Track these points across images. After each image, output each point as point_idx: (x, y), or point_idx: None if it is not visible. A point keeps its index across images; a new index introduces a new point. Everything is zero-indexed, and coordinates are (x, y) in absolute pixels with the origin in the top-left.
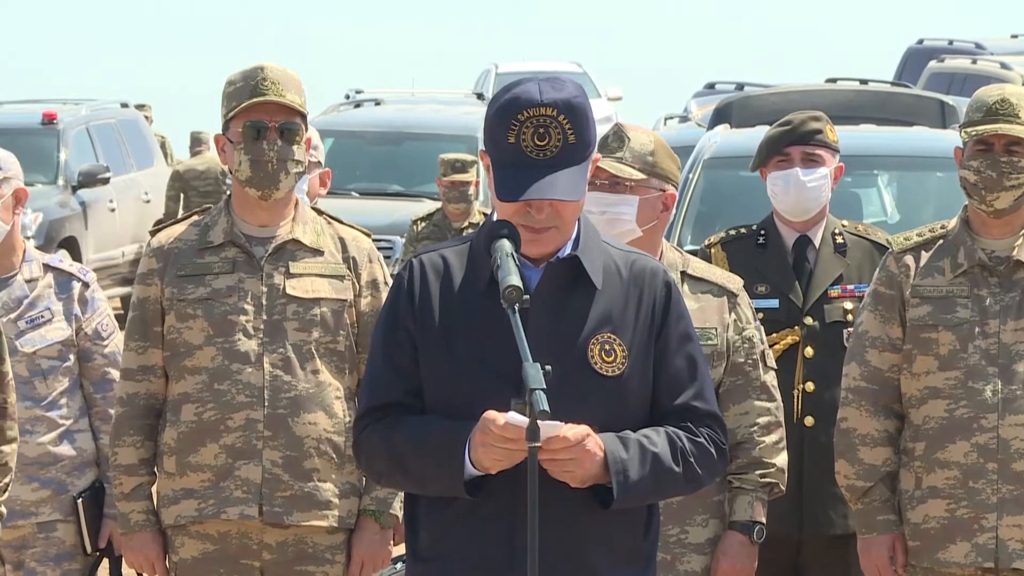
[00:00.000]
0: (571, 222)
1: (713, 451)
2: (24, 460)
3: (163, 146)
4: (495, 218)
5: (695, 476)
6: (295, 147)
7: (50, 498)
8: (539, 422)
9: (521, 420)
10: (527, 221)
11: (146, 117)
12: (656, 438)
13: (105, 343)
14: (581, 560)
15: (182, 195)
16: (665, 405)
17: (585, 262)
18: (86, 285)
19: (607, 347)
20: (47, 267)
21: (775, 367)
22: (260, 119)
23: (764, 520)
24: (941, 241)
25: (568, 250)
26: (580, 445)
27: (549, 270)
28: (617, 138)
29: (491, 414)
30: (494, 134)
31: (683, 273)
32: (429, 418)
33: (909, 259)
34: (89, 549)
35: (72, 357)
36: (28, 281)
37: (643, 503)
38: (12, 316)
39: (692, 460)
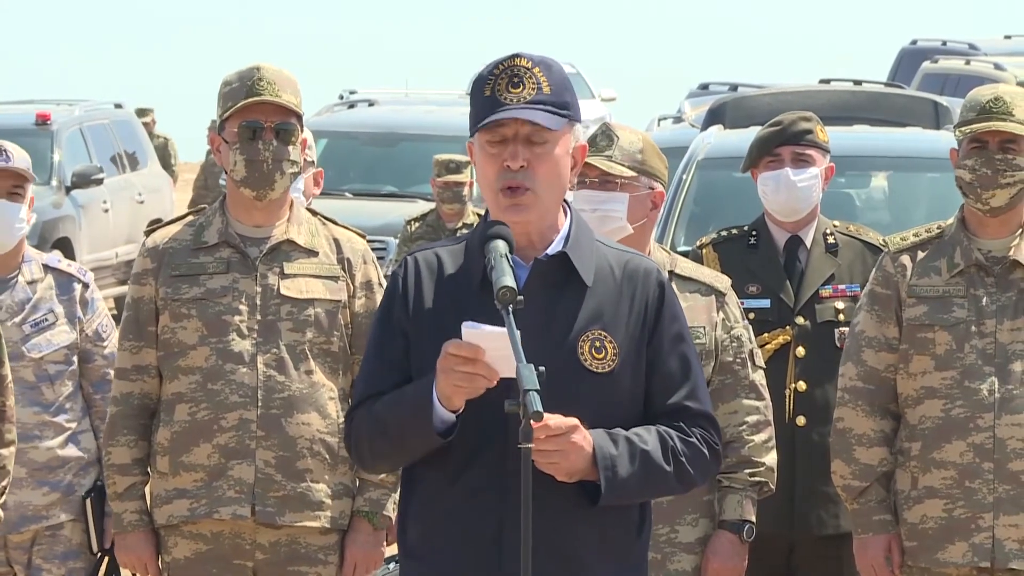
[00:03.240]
0: (549, 190)
1: (706, 451)
2: (34, 465)
3: (166, 147)
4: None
5: (687, 476)
6: (290, 147)
7: (59, 500)
8: (473, 326)
9: (476, 333)
10: (505, 179)
11: (152, 121)
12: (647, 436)
13: (105, 344)
14: (571, 557)
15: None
16: (658, 405)
17: (574, 259)
18: (86, 286)
19: (597, 344)
20: (47, 268)
21: (763, 366)
22: (256, 119)
23: (754, 519)
24: (937, 241)
25: (558, 247)
26: (565, 436)
27: (538, 267)
28: (606, 137)
29: (451, 340)
30: (472, 102)
31: (671, 272)
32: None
33: (905, 259)
34: (95, 548)
35: (75, 359)
36: (30, 283)
37: (633, 501)
38: (16, 320)
39: (683, 460)
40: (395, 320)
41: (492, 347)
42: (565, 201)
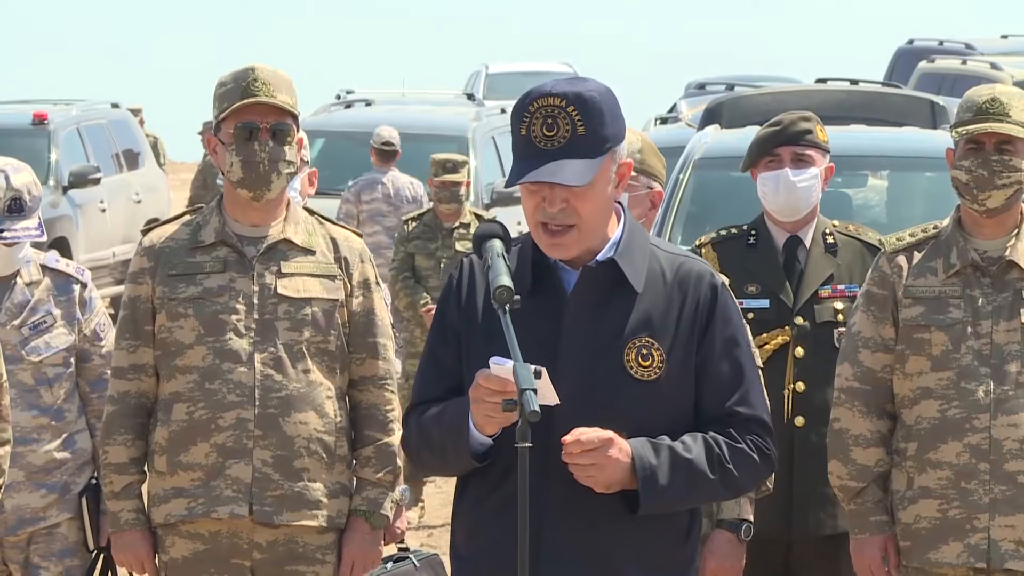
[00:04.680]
0: (592, 221)
1: (756, 456)
2: (32, 468)
3: (155, 146)
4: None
5: (734, 482)
6: (286, 147)
7: (56, 501)
8: (501, 361)
9: (503, 368)
10: (543, 217)
11: (140, 120)
12: (692, 444)
13: (103, 344)
14: (608, 565)
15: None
16: (709, 410)
17: (624, 266)
18: (84, 286)
19: (644, 351)
20: (44, 268)
21: (761, 366)
22: (251, 120)
23: (751, 518)
24: (934, 241)
25: (608, 253)
26: (601, 451)
27: (586, 273)
28: None
29: (481, 370)
30: (512, 129)
31: None
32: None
33: (902, 259)
34: (92, 546)
35: (72, 361)
36: (28, 284)
37: (674, 509)
38: (16, 323)
39: (731, 466)
40: (448, 322)
41: None
42: (620, 203)
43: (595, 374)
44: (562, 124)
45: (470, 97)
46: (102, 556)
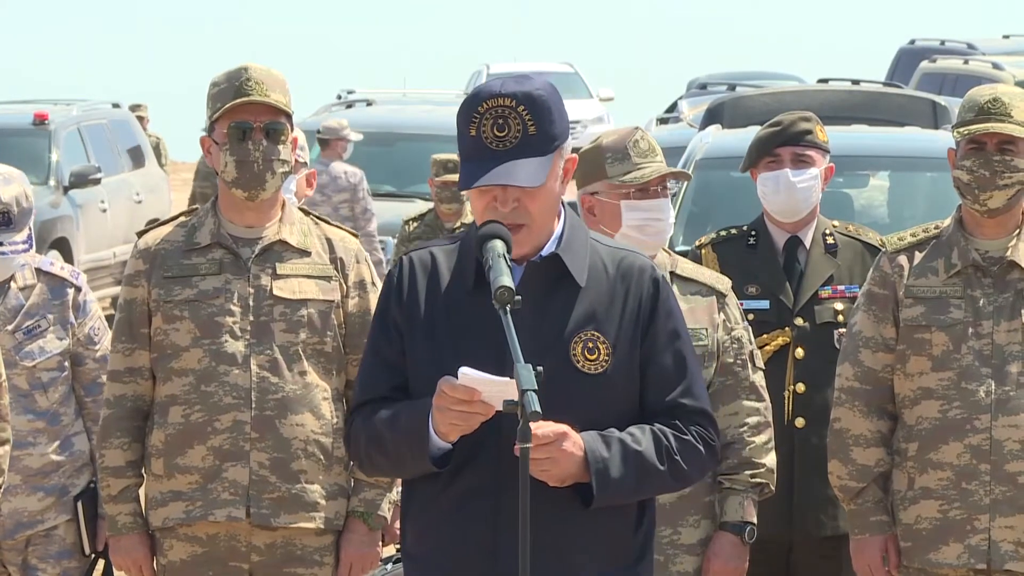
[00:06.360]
0: (542, 219)
1: (702, 448)
2: (29, 472)
3: (157, 147)
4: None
5: (682, 473)
6: (281, 147)
7: (54, 503)
8: (470, 372)
9: (472, 379)
10: (495, 216)
11: (141, 117)
12: (640, 436)
13: (97, 347)
14: (564, 558)
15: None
16: (653, 403)
17: (567, 260)
18: (78, 290)
19: (590, 345)
20: (39, 272)
21: (763, 367)
22: (245, 120)
23: (755, 520)
24: (935, 241)
25: (551, 248)
26: (556, 444)
27: (530, 269)
28: (652, 149)
29: (445, 378)
30: (459, 129)
31: (672, 274)
32: (408, 401)
33: (903, 259)
34: (87, 550)
35: (67, 364)
36: (22, 289)
37: (627, 501)
38: (9, 328)
39: (679, 458)
40: (390, 320)
41: (487, 390)
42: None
43: (542, 369)
44: (513, 124)
45: None
46: (100, 560)
